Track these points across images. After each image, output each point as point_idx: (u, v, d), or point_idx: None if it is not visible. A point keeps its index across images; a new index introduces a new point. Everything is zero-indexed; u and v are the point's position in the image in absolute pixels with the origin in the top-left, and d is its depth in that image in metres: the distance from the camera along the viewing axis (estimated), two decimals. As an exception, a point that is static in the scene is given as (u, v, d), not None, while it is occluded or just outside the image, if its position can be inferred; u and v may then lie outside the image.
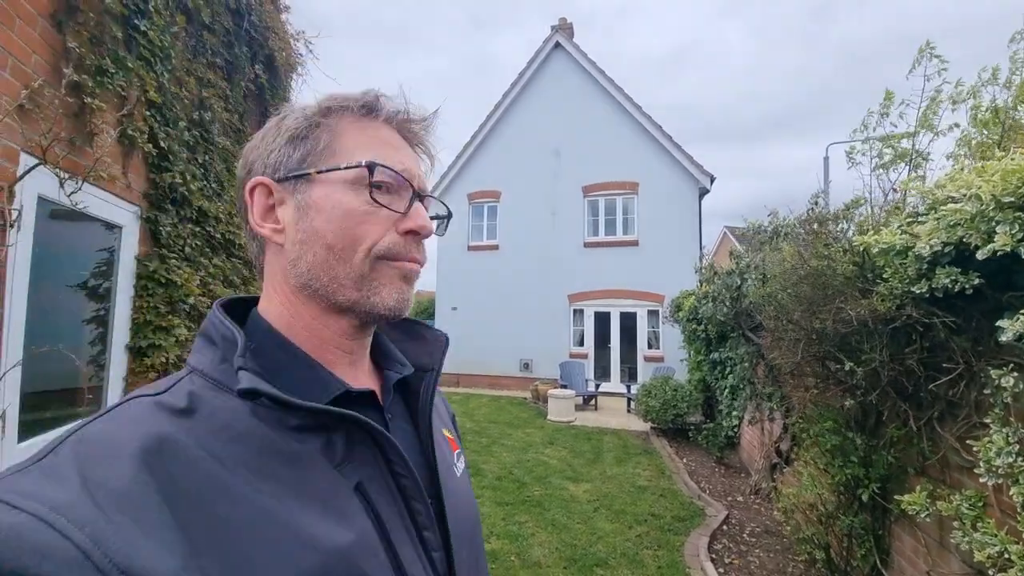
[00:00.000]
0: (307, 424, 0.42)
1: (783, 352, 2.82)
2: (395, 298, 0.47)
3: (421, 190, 0.49)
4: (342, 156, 0.47)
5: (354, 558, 0.38)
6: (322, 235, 0.45)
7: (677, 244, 10.33)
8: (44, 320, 2.03)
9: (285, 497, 0.38)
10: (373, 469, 0.44)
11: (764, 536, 3.84)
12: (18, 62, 1.71)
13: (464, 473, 0.60)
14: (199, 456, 0.36)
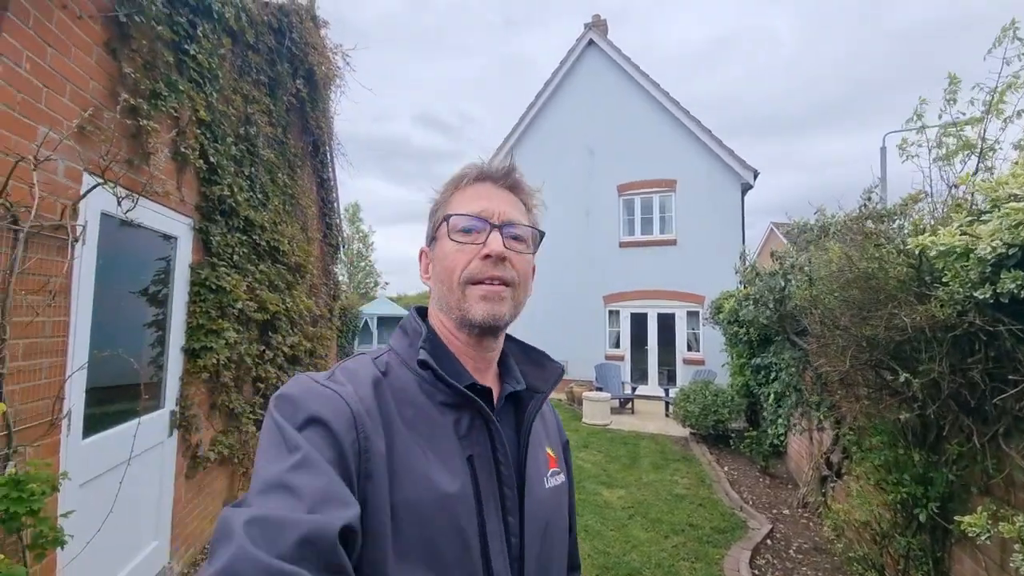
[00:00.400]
0: (448, 402, 0.60)
1: (831, 359, 2.65)
2: (482, 313, 0.61)
3: (503, 222, 0.64)
4: (444, 215, 0.66)
5: (454, 504, 0.54)
6: (439, 273, 0.66)
7: (718, 243, 9.94)
8: (109, 325, 2.21)
9: (424, 446, 0.56)
10: (483, 449, 0.60)
11: (812, 553, 3.62)
12: (76, 88, 1.87)
13: (555, 489, 0.69)
14: (389, 398, 0.58)
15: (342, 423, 0.51)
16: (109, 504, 2.09)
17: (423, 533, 0.52)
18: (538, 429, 0.70)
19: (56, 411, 1.78)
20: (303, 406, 0.52)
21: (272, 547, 0.39)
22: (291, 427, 0.50)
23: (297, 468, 0.46)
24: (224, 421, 3.45)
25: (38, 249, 1.69)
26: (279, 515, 0.41)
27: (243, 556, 0.38)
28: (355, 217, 23.61)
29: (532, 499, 0.62)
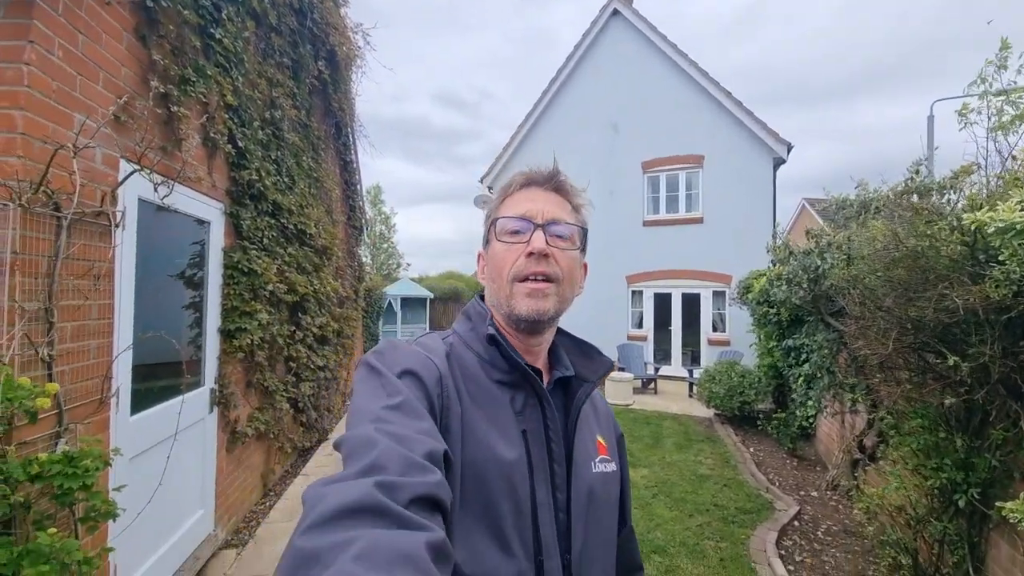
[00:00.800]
0: (504, 381, 0.66)
1: (870, 342, 2.55)
2: (527, 308, 0.65)
3: (547, 221, 0.68)
4: (493, 219, 0.72)
5: (510, 470, 0.60)
6: (491, 272, 0.71)
7: (747, 220, 9.61)
8: (151, 307, 2.30)
9: (486, 418, 0.62)
10: (536, 425, 0.65)
11: (842, 536, 3.58)
12: (109, 75, 1.90)
13: (604, 475, 0.72)
14: (458, 371, 0.65)
15: (431, 379, 0.59)
16: (157, 477, 2.21)
17: (482, 490, 0.57)
18: (588, 416, 0.75)
19: (105, 390, 1.88)
20: (400, 360, 0.60)
21: (408, 451, 0.46)
22: (390, 375, 0.57)
23: (398, 408, 0.52)
24: (259, 399, 3.59)
25: (81, 235, 1.75)
26: (407, 433, 0.49)
27: (389, 452, 0.45)
28: (377, 199, 23.78)
29: (579, 478, 0.66)
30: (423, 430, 0.50)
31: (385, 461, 0.43)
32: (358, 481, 0.40)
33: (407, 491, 0.41)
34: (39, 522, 1.38)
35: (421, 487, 0.42)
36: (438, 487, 0.44)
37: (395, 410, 0.52)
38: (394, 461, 0.44)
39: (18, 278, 1.49)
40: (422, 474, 0.44)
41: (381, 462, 0.43)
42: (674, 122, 10.38)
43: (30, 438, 1.50)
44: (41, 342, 1.56)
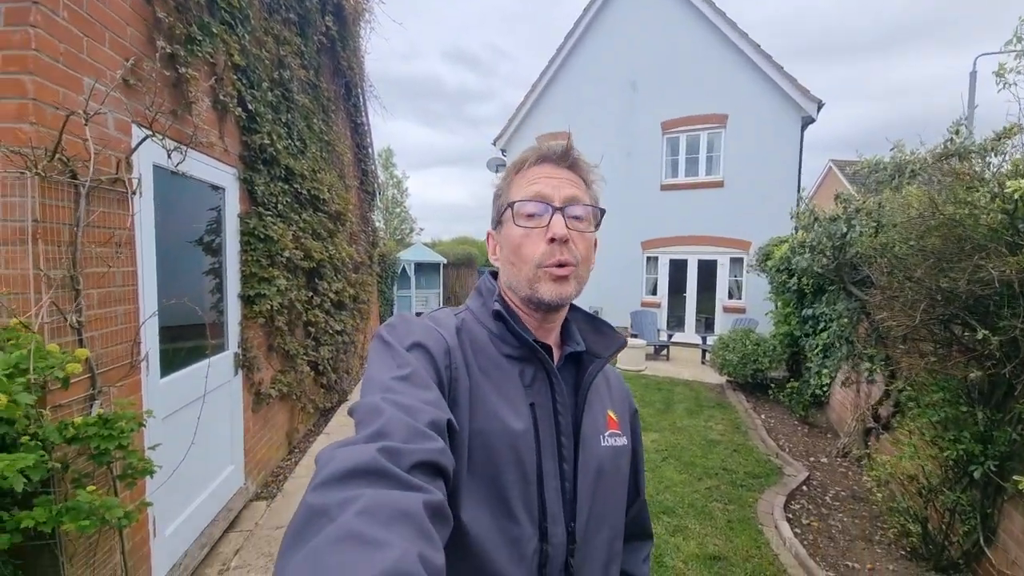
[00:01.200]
0: (513, 355, 0.68)
1: (896, 313, 2.49)
2: (550, 294, 0.66)
3: (564, 202, 0.67)
4: (508, 202, 0.71)
5: (517, 440, 0.62)
6: (507, 255, 0.71)
7: (770, 184, 9.26)
8: (173, 273, 2.33)
9: (495, 390, 0.64)
10: (544, 399, 0.67)
11: (850, 501, 3.63)
12: (115, 36, 1.84)
13: (613, 448, 0.73)
14: (468, 344, 0.67)
15: (439, 352, 0.61)
16: (188, 435, 2.32)
17: (490, 459, 0.60)
18: (600, 392, 0.76)
19: (134, 354, 1.94)
20: (410, 333, 0.62)
21: (413, 420, 0.49)
22: (401, 347, 0.60)
23: (406, 379, 0.55)
24: (281, 362, 3.69)
25: (100, 203, 1.76)
26: (412, 403, 0.51)
27: (394, 420, 0.48)
28: (388, 163, 23.46)
29: (586, 451, 0.68)
30: (428, 400, 0.53)
31: (391, 428, 0.47)
32: (365, 446, 0.43)
33: (409, 456, 0.44)
34: (78, 480, 1.46)
35: (423, 453, 0.45)
36: (440, 454, 0.47)
37: (403, 381, 0.54)
38: (399, 429, 0.47)
39: (41, 246, 1.51)
40: (424, 441, 0.47)
41: (387, 429, 0.46)
42: (697, 79, 9.86)
43: (64, 401, 1.57)
44: (69, 309, 1.60)
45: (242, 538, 2.79)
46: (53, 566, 1.45)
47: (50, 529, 1.21)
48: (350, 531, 0.35)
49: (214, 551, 2.63)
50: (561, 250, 0.66)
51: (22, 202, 1.47)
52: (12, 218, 1.47)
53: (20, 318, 1.31)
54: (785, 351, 6.27)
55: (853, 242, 3.51)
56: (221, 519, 2.80)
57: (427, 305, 12.99)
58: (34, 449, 1.18)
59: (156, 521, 2.16)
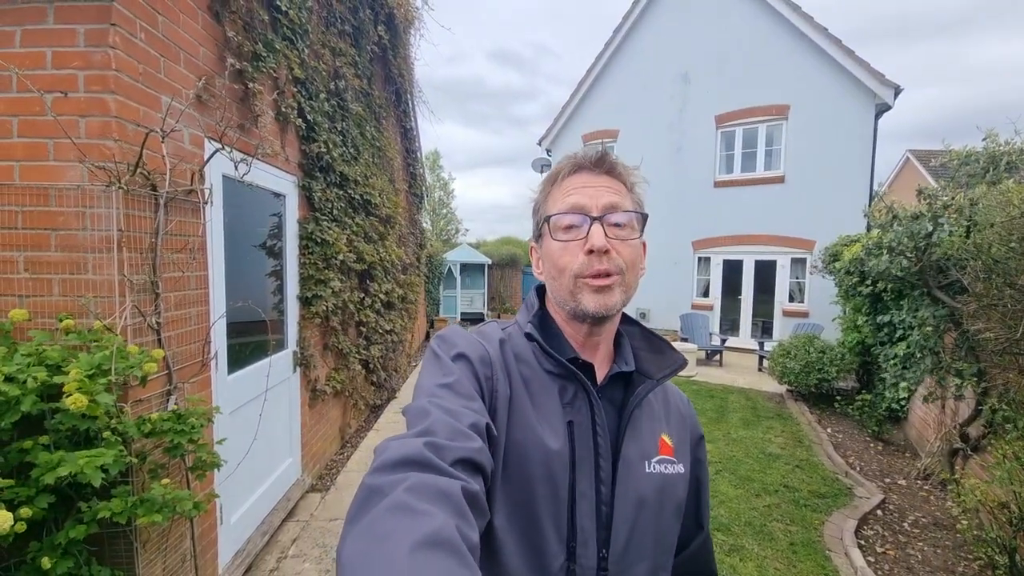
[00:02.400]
0: (554, 371, 0.67)
1: (994, 323, 2.21)
2: (594, 305, 0.65)
3: (603, 211, 0.66)
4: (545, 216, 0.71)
5: (552, 459, 0.62)
6: (548, 270, 0.71)
7: (838, 179, 8.58)
8: (239, 276, 2.48)
9: (533, 405, 0.65)
10: (583, 418, 0.66)
11: (931, 529, 3.28)
12: (189, 56, 1.97)
13: (662, 476, 0.69)
14: (511, 356, 0.69)
15: (480, 362, 0.64)
16: (252, 429, 2.46)
17: (523, 470, 0.61)
18: (654, 413, 0.73)
19: (205, 353, 2.07)
20: (456, 345, 0.66)
21: (455, 421, 0.53)
22: (447, 358, 0.64)
23: (450, 387, 0.59)
24: (335, 360, 3.85)
25: (176, 212, 1.89)
26: (455, 407, 0.56)
27: (439, 421, 0.53)
28: (435, 165, 24.01)
29: (627, 476, 0.66)
30: (470, 406, 0.57)
31: (436, 428, 0.52)
32: (414, 439, 0.49)
33: (452, 452, 0.49)
34: (154, 471, 1.58)
35: (463, 451, 0.50)
36: (479, 452, 0.51)
37: (447, 388, 0.59)
38: (443, 428, 0.52)
39: (125, 253, 1.64)
40: (465, 440, 0.51)
41: (433, 428, 0.51)
42: (755, 68, 9.31)
43: (144, 396, 1.70)
44: (149, 311, 1.73)
45: (299, 528, 2.93)
46: (128, 552, 1.57)
47: (125, 520, 1.31)
48: (400, 503, 0.41)
49: (273, 539, 2.78)
50: (600, 260, 0.64)
51: (107, 213, 1.61)
52: (99, 228, 1.61)
53: (104, 321, 1.43)
54: (855, 360, 5.78)
55: (940, 243, 3.16)
56: (280, 509, 2.95)
57: (472, 305, 13.16)
58: (114, 444, 1.28)
59: (223, 509, 2.30)
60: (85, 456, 1.18)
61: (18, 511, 1.19)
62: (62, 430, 1.40)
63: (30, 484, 1.27)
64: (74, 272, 1.63)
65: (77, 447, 1.48)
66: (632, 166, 0.73)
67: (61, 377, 1.26)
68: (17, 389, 1.22)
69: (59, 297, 1.64)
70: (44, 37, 1.66)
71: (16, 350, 1.40)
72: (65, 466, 1.18)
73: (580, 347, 0.70)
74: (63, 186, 1.62)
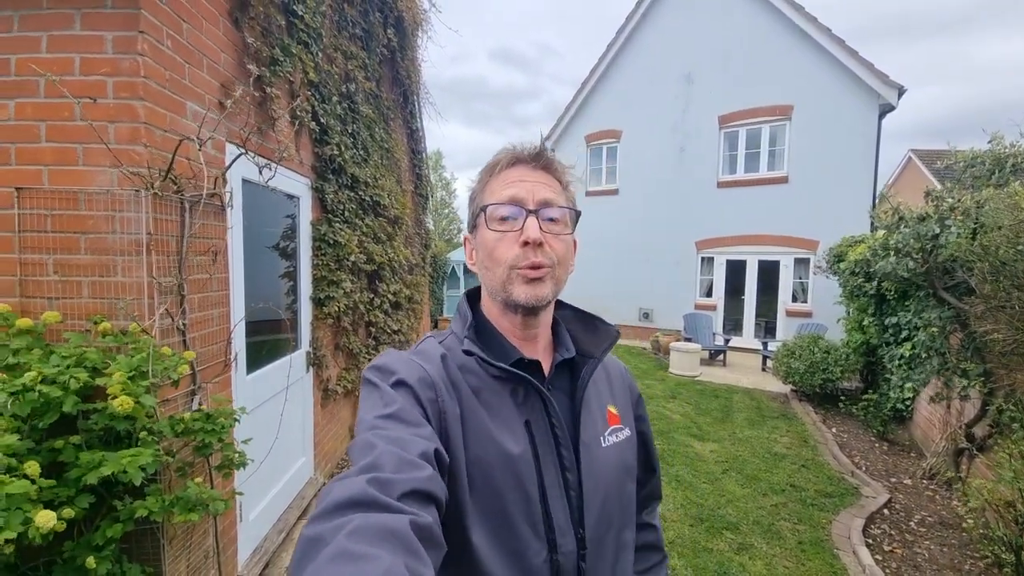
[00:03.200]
0: (501, 376, 0.66)
1: (1002, 324, 2.24)
2: (525, 296, 0.66)
3: (538, 205, 0.66)
4: (482, 206, 0.70)
5: (516, 464, 0.62)
6: (482, 260, 0.70)
7: (841, 179, 8.60)
8: (257, 278, 2.52)
9: (488, 414, 0.64)
10: (538, 415, 0.66)
11: (937, 528, 3.32)
12: (212, 62, 2.01)
13: (616, 445, 0.73)
14: (456, 370, 0.66)
15: (422, 386, 0.61)
16: (269, 427, 2.50)
17: (490, 484, 0.60)
18: (599, 389, 0.76)
19: (227, 353, 2.11)
20: (393, 371, 0.63)
21: (402, 451, 0.51)
22: (386, 386, 0.61)
23: (393, 416, 0.57)
24: (346, 360, 3.88)
25: (201, 216, 1.92)
26: (402, 435, 0.54)
27: (385, 453, 0.50)
28: (438, 165, 24.03)
29: (589, 459, 0.68)
30: (418, 433, 0.55)
31: (382, 461, 0.49)
32: (356, 478, 0.46)
33: (399, 486, 0.47)
34: (181, 469, 1.61)
35: (412, 482, 0.48)
36: (429, 481, 0.49)
37: (390, 418, 0.56)
38: (389, 460, 0.49)
39: (154, 257, 1.67)
40: (413, 470, 0.49)
41: (379, 462, 0.49)
42: (758, 68, 9.33)
43: (171, 396, 1.73)
44: (176, 313, 1.77)
45: (313, 526, 2.96)
46: (155, 548, 1.61)
47: (161, 518, 1.35)
48: (342, 550, 0.38)
49: (289, 536, 2.82)
50: (535, 252, 0.65)
51: (137, 217, 1.64)
52: (129, 231, 1.64)
53: (142, 324, 1.46)
54: (859, 360, 5.81)
55: (946, 245, 3.19)
56: (295, 507, 2.99)
57: (475, 305, 13.13)
58: (151, 444, 1.32)
59: (243, 507, 2.34)
60: (127, 455, 1.21)
61: (60, 511, 1.23)
62: (95, 430, 1.43)
63: (69, 484, 1.31)
64: (104, 275, 1.67)
65: (107, 447, 1.51)
66: (568, 165, 0.74)
67: (103, 379, 1.29)
68: (59, 390, 1.25)
69: (89, 299, 1.67)
70: (71, 43, 1.69)
71: (52, 351, 1.44)
72: (108, 465, 1.22)
73: (519, 341, 0.71)
74: (93, 191, 1.66)
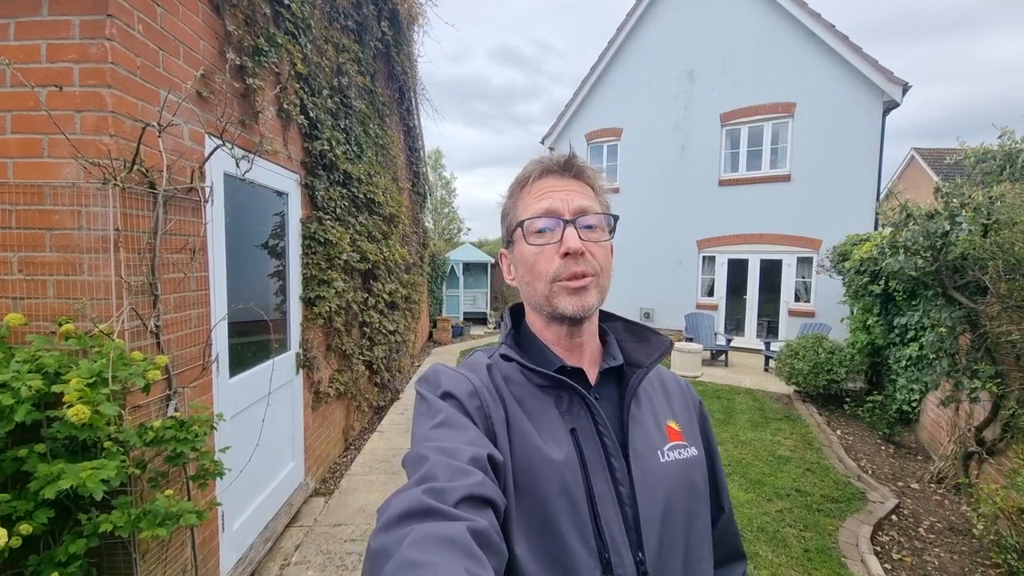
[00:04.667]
0: (545, 384, 0.67)
1: (1017, 322, 2.14)
2: (572, 307, 0.65)
3: (575, 214, 0.66)
4: (517, 221, 0.70)
5: (560, 470, 0.60)
6: (523, 275, 0.70)
7: (845, 177, 8.49)
8: (241, 277, 2.42)
9: (532, 421, 0.64)
10: (585, 422, 0.65)
11: (947, 534, 3.21)
12: (189, 49, 1.91)
13: (678, 463, 0.68)
14: (500, 380, 0.68)
15: (466, 395, 0.63)
16: (254, 433, 2.40)
17: (535, 489, 0.59)
18: (656, 401, 0.73)
19: (206, 356, 2.01)
20: (439, 383, 0.65)
21: (453, 460, 0.52)
22: (435, 398, 0.63)
23: (442, 425, 0.59)
24: (338, 361, 3.79)
25: (176, 211, 1.83)
26: (452, 445, 0.55)
27: (437, 463, 0.52)
28: (437, 164, 23.92)
29: (643, 470, 0.64)
30: (467, 440, 0.56)
31: (435, 471, 0.51)
32: (413, 490, 0.48)
33: (454, 494, 0.48)
34: (154, 480, 1.51)
35: (465, 488, 0.49)
36: (481, 486, 0.50)
37: (440, 427, 0.58)
38: (442, 470, 0.51)
39: (122, 254, 1.57)
40: (465, 477, 0.50)
41: (432, 472, 0.51)
42: (761, 65, 9.22)
43: (143, 402, 1.64)
44: (148, 314, 1.67)
45: (302, 533, 2.87)
46: (127, 563, 1.51)
47: (127, 534, 1.25)
48: (406, 560, 0.40)
49: (276, 545, 2.72)
50: (576, 262, 0.65)
51: (104, 212, 1.55)
52: (95, 227, 1.55)
53: (103, 325, 1.37)
54: (864, 361, 5.70)
55: (957, 242, 3.08)
56: (283, 514, 2.90)
57: (475, 304, 13.08)
58: (115, 455, 1.22)
59: (224, 516, 2.24)
60: (87, 468, 1.12)
61: (16, 527, 1.13)
62: (59, 438, 1.34)
63: (28, 497, 1.21)
64: (70, 273, 1.57)
65: (75, 455, 1.42)
66: (598, 169, 0.73)
67: (60, 386, 1.19)
68: (11, 398, 1.15)
69: (55, 300, 1.58)
70: (39, 29, 1.60)
71: (12, 355, 1.34)
72: (66, 479, 1.12)
73: (565, 352, 0.70)
74: (58, 184, 1.56)
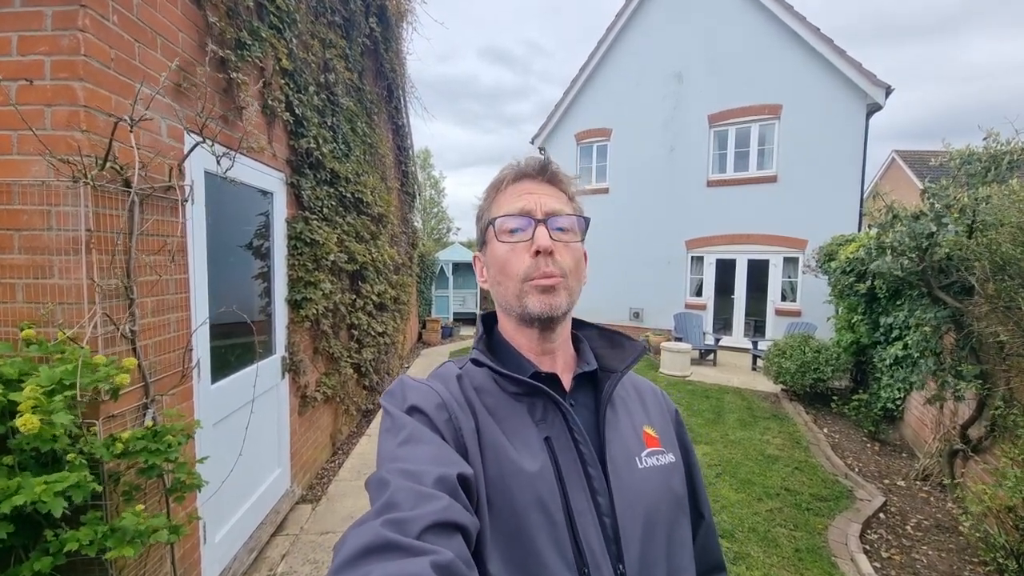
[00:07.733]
0: (518, 392, 0.65)
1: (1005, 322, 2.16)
2: (539, 306, 0.64)
3: (547, 215, 0.66)
4: (490, 219, 0.69)
5: (534, 481, 0.58)
6: (494, 275, 0.69)
7: (830, 179, 8.61)
8: (224, 279, 2.33)
9: (504, 429, 0.62)
10: (560, 431, 0.63)
11: (934, 532, 3.25)
12: (167, 42, 1.83)
13: (656, 469, 0.67)
14: (471, 389, 0.66)
15: (433, 408, 0.60)
16: (238, 439, 2.32)
17: (509, 503, 0.57)
18: (628, 407, 0.72)
19: (186, 362, 1.93)
20: (405, 397, 0.62)
21: (418, 483, 0.49)
22: (400, 412, 0.60)
23: (408, 442, 0.56)
24: (326, 364, 3.70)
25: (154, 211, 1.75)
26: (416, 467, 0.52)
27: (399, 489, 0.49)
28: (426, 163, 23.76)
29: (621, 478, 0.63)
30: (433, 458, 0.54)
31: (396, 498, 0.48)
32: (372, 523, 0.45)
33: (417, 523, 0.45)
34: (127, 493, 1.44)
35: (430, 516, 0.46)
36: (447, 511, 0.47)
37: (405, 444, 0.55)
38: (404, 496, 0.48)
39: (95, 256, 1.49)
40: (430, 503, 0.47)
41: (394, 499, 0.48)
42: (748, 67, 9.31)
43: (117, 412, 1.56)
44: (122, 318, 1.59)
45: (288, 542, 2.79)
46: (104, 579, 1.44)
47: (94, 553, 1.18)
48: None
49: (261, 555, 2.64)
50: (546, 262, 0.64)
51: (75, 211, 1.47)
52: (66, 227, 1.47)
53: (68, 331, 1.29)
54: (850, 360, 5.78)
55: (943, 243, 3.12)
56: (268, 523, 2.81)
57: (464, 305, 13.00)
58: (79, 468, 1.15)
59: (206, 528, 2.16)
60: (42, 483, 1.04)
61: (-29, 545, 1.05)
62: (27, 450, 1.26)
63: (-13, 513, 1.13)
64: (39, 276, 1.49)
65: (44, 468, 1.34)
66: (572, 176, 0.73)
67: (17, 394, 1.12)
68: (-35, 409, 1.08)
69: (23, 304, 1.50)
70: (11, 21, 1.52)
71: (-28, 364, 1.26)
72: (22, 494, 1.05)
73: (537, 357, 0.68)
74: (27, 182, 1.48)
